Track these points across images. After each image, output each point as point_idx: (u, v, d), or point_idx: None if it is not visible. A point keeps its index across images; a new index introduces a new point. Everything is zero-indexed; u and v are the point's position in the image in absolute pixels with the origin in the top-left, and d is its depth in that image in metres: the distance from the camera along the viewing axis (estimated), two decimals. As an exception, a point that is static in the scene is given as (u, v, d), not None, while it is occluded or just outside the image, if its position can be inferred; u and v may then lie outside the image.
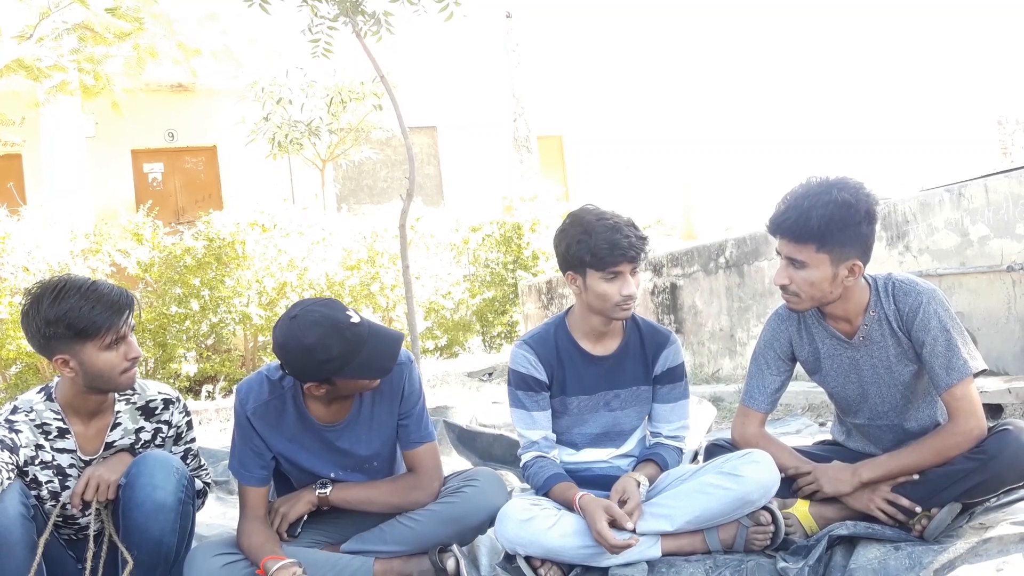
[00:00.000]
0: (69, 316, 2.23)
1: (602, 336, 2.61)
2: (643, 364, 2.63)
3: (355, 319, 2.28)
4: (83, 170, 12.80)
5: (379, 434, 2.52)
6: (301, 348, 2.24)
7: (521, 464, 2.62)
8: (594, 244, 2.43)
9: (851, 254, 2.35)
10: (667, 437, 2.66)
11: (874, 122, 16.23)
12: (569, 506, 2.45)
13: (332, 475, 2.51)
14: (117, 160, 14.32)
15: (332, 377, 2.29)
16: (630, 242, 2.42)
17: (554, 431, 2.63)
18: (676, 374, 2.65)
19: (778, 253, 2.44)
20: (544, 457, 2.58)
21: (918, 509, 2.38)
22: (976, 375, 2.39)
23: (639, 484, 2.46)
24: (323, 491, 2.48)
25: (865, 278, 2.46)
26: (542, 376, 2.58)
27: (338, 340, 2.24)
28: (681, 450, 2.67)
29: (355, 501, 2.50)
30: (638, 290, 2.50)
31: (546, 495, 2.52)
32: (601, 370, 2.61)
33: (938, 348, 2.37)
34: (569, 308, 2.67)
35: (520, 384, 2.59)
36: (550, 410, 2.61)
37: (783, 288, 2.43)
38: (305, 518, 2.51)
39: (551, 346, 2.61)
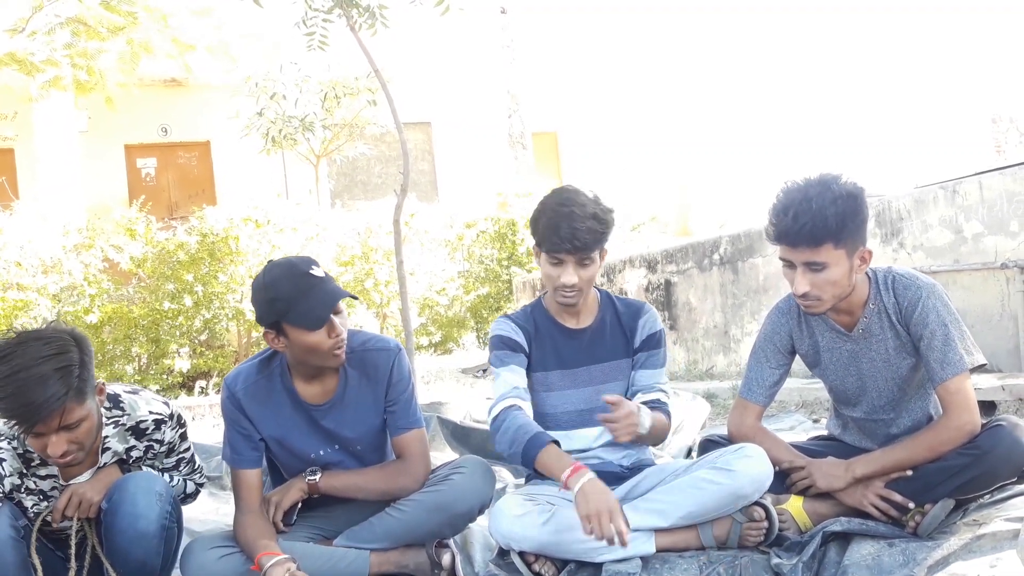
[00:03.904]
0: None
1: (575, 312, 2.64)
2: (622, 337, 2.66)
3: (315, 272, 2.34)
4: (76, 165, 12.75)
5: (364, 418, 2.52)
6: (260, 286, 2.36)
7: (493, 416, 2.51)
8: (542, 226, 2.49)
9: (859, 242, 2.36)
10: (647, 393, 2.62)
11: (869, 121, 16.24)
12: (555, 476, 2.31)
13: (321, 452, 2.52)
14: (110, 155, 14.25)
15: (280, 321, 2.34)
16: (573, 233, 2.43)
17: (539, 409, 2.62)
18: (655, 340, 2.67)
19: (786, 263, 2.40)
20: (519, 409, 2.48)
21: (911, 505, 2.39)
22: (974, 371, 2.39)
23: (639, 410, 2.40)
24: (312, 478, 2.49)
25: (866, 272, 2.46)
26: (521, 340, 2.62)
27: (288, 282, 2.31)
28: (663, 401, 2.63)
29: (343, 488, 2.51)
30: (584, 283, 2.50)
31: (535, 458, 2.38)
32: (580, 344, 2.64)
33: (935, 342, 2.37)
34: (546, 290, 2.74)
35: (499, 345, 2.62)
36: (525, 374, 2.61)
37: (804, 296, 2.39)
38: (299, 506, 2.52)
39: (531, 321, 2.67)
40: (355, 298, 2.43)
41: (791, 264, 2.38)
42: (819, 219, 2.28)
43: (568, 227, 2.43)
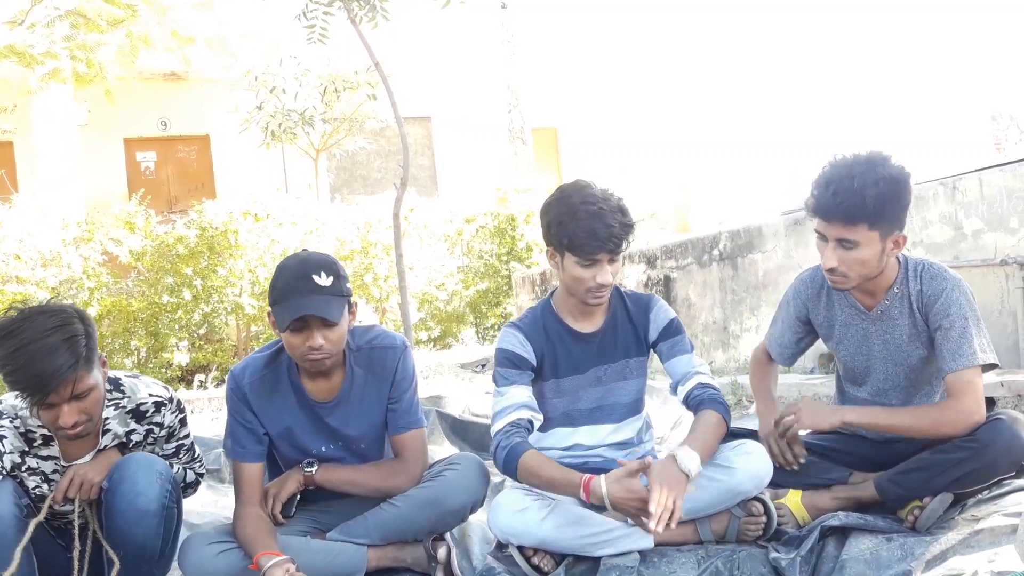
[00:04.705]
0: (3, 370, 2.15)
1: (587, 313, 2.57)
2: (634, 335, 2.60)
3: (316, 279, 2.30)
4: (75, 158, 12.73)
5: (368, 416, 2.52)
6: (277, 266, 2.41)
7: (494, 431, 2.47)
8: (573, 230, 2.38)
9: (895, 227, 2.36)
10: (686, 382, 2.54)
11: (869, 119, 16.23)
12: (562, 488, 2.33)
13: (323, 449, 2.52)
14: (109, 148, 14.23)
15: (273, 307, 2.35)
16: (611, 232, 2.36)
17: (549, 412, 2.57)
18: (672, 329, 2.59)
19: (820, 236, 2.41)
20: (519, 428, 2.43)
21: (802, 460, 2.48)
22: (985, 370, 2.39)
23: (688, 476, 2.23)
24: (309, 470, 2.49)
25: (897, 256, 2.46)
26: (529, 356, 2.53)
27: (286, 276, 2.34)
28: (705, 384, 2.53)
29: (339, 482, 2.51)
30: (615, 278, 2.45)
31: (516, 466, 2.37)
32: (591, 347, 2.58)
33: (952, 333, 2.38)
34: (554, 290, 2.65)
35: (504, 362, 2.54)
36: (530, 390, 2.53)
37: (831, 271, 2.41)
38: (298, 498, 2.52)
39: (540, 329, 2.58)
40: (331, 322, 2.32)
41: (824, 237, 2.39)
42: (857, 198, 2.28)
43: (604, 228, 2.36)
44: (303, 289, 2.30)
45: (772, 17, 17.07)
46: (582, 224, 2.36)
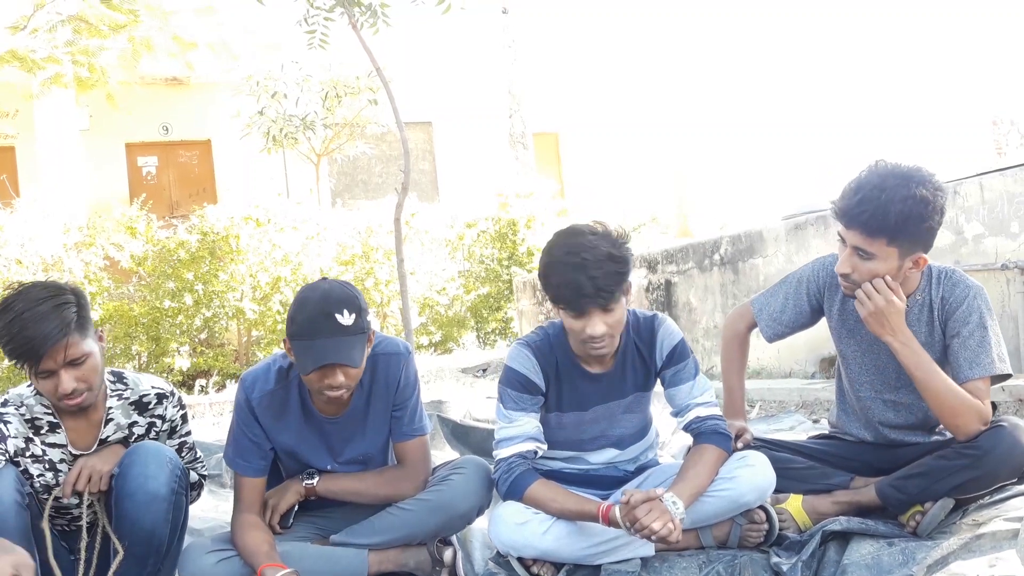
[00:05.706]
0: (1, 342, 2.20)
1: (595, 356, 2.46)
2: (644, 368, 2.52)
3: (340, 318, 2.23)
4: (77, 163, 12.76)
5: (376, 428, 2.51)
6: (295, 297, 2.33)
7: (497, 457, 2.46)
8: (555, 285, 2.26)
9: (918, 247, 2.32)
10: (684, 415, 2.49)
11: (868, 123, 16.24)
12: (590, 518, 2.32)
13: (329, 467, 2.50)
14: (111, 153, 14.25)
15: (292, 340, 2.30)
16: (596, 286, 2.20)
17: (550, 439, 2.51)
18: (676, 355, 2.49)
19: (840, 239, 2.38)
20: (524, 460, 2.42)
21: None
22: (996, 381, 2.38)
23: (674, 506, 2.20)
24: (310, 482, 2.47)
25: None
26: (540, 382, 2.45)
27: (309, 312, 2.26)
28: (703, 416, 2.46)
29: (341, 492, 2.49)
30: (609, 328, 2.28)
31: (523, 491, 2.39)
32: (600, 386, 2.50)
33: (971, 341, 2.37)
34: None
35: (515, 384, 2.45)
36: (538, 417, 2.47)
37: (844, 276, 2.38)
38: (296, 508, 2.50)
39: (552, 360, 2.48)
40: (352, 366, 2.28)
41: (844, 241, 2.36)
42: (880, 212, 2.24)
43: (588, 281, 2.20)
44: (326, 330, 2.22)
45: (773, 23, 17.11)
46: (564, 279, 2.23)
